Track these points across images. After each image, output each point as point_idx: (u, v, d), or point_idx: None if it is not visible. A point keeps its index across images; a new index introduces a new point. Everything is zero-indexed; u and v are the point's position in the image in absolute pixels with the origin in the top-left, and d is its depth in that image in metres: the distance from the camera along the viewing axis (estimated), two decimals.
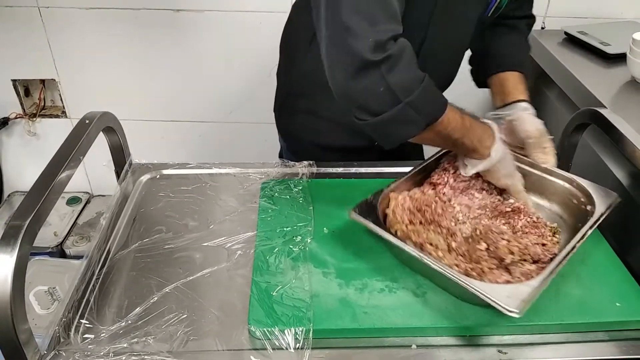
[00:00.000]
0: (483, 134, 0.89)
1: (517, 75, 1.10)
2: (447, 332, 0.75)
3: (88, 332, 0.77)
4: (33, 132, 1.97)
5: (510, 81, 1.08)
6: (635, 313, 0.76)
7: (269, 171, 1.10)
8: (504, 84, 1.08)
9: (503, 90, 1.08)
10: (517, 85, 1.08)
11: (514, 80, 1.09)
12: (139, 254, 0.91)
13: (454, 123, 0.84)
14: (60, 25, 1.74)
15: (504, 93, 1.07)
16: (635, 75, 1.25)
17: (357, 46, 0.73)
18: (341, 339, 0.75)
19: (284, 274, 0.83)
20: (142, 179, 1.09)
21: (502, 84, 1.09)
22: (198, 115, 1.96)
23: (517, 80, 1.09)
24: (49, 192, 0.76)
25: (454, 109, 0.84)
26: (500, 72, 1.10)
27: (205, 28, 1.76)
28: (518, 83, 1.08)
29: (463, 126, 0.85)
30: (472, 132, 0.87)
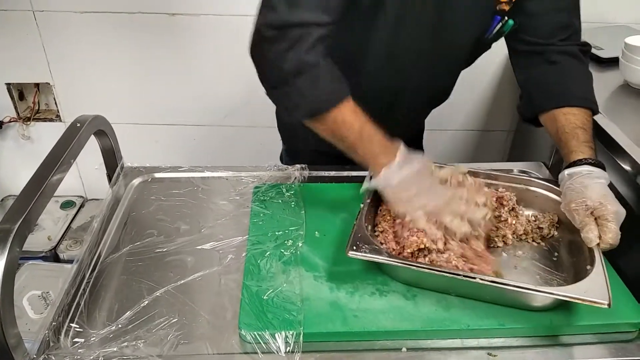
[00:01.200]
0: (381, 150, 0.84)
1: (574, 121, 0.90)
2: (437, 335, 0.75)
3: (78, 336, 0.76)
4: (27, 136, 1.97)
5: (564, 138, 0.89)
6: (624, 315, 0.77)
7: (261, 175, 1.10)
8: (560, 140, 0.90)
9: (561, 149, 0.90)
10: (569, 143, 0.88)
11: (569, 132, 0.89)
12: (130, 257, 0.91)
13: (349, 125, 0.83)
14: (55, 29, 1.74)
15: (563, 154, 0.90)
16: (628, 80, 1.26)
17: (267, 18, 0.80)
18: (332, 343, 0.75)
19: (275, 278, 0.83)
20: (133, 183, 1.09)
21: (559, 139, 0.90)
22: (193, 119, 1.96)
23: (572, 133, 0.88)
24: (39, 196, 0.76)
25: (358, 113, 0.83)
26: (554, 112, 0.93)
27: (200, 32, 1.76)
28: (572, 138, 0.88)
29: (359, 133, 0.83)
30: (366, 143, 0.84)
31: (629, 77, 1.25)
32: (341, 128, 0.83)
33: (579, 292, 0.71)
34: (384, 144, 0.85)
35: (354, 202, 0.98)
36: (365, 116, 0.84)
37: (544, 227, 0.91)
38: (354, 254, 0.77)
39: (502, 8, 0.94)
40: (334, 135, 0.85)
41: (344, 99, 0.83)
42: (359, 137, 0.84)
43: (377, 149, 0.84)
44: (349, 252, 0.77)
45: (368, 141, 0.84)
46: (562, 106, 0.92)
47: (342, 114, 0.83)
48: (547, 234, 0.91)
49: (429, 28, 0.94)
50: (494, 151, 2.04)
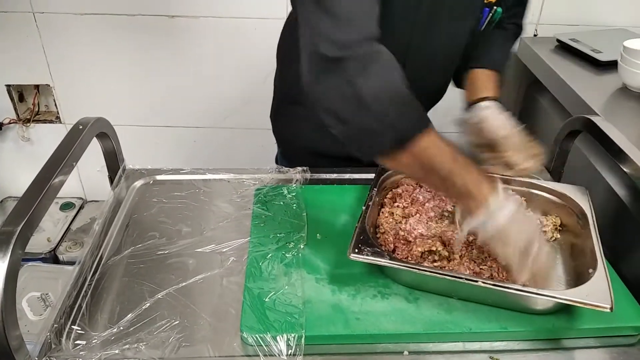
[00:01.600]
0: (481, 178, 0.73)
1: (490, 73, 1.04)
2: (439, 339, 0.75)
3: (80, 339, 0.76)
4: (27, 138, 1.97)
5: (480, 79, 1.04)
6: (626, 319, 0.77)
7: (262, 177, 1.10)
8: (474, 82, 1.04)
9: (471, 88, 1.04)
10: (485, 83, 1.02)
11: (484, 78, 1.04)
12: (132, 259, 0.91)
13: (438, 151, 0.71)
14: (55, 31, 1.74)
15: (471, 91, 1.04)
16: (627, 82, 1.26)
17: (321, 42, 0.68)
18: (333, 345, 0.75)
19: (277, 280, 0.83)
20: (135, 185, 1.09)
21: (473, 82, 1.05)
22: (193, 121, 1.96)
23: (488, 79, 1.03)
24: (41, 198, 0.76)
25: (442, 138, 0.72)
26: (475, 69, 1.06)
27: (200, 34, 1.76)
28: (487, 81, 1.03)
29: (452, 159, 0.72)
30: (465, 170, 0.72)
31: (628, 80, 1.26)
32: (428, 154, 0.71)
33: (580, 295, 0.71)
34: (480, 173, 0.74)
35: (355, 204, 0.99)
36: (452, 146, 0.73)
37: (547, 230, 0.91)
38: (356, 257, 0.77)
39: (490, 0, 0.98)
40: (419, 162, 0.72)
41: (429, 123, 0.72)
42: (454, 163, 0.72)
43: (475, 174, 0.73)
44: (350, 254, 0.77)
45: (465, 167, 0.72)
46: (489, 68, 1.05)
47: (428, 138, 0.70)
48: (550, 237, 0.91)
49: (422, 30, 0.95)
50: None
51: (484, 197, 0.71)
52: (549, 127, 1.47)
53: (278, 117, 1.25)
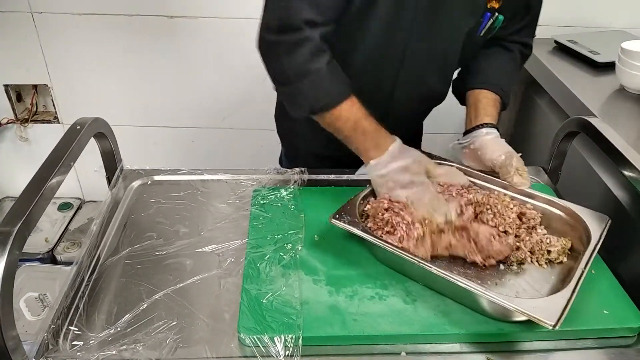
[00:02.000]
0: (372, 145, 0.91)
1: (493, 97, 1.05)
2: (436, 340, 0.75)
3: (77, 339, 0.76)
4: (25, 138, 1.96)
5: (482, 102, 1.04)
6: (622, 320, 0.77)
7: (260, 178, 1.10)
8: (476, 105, 1.04)
9: (472, 111, 1.05)
10: (486, 108, 1.03)
11: (487, 102, 1.04)
12: (129, 260, 0.91)
13: (344, 120, 0.90)
14: (54, 31, 1.74)
15: (472, 116, 1.04)
16: (624, 84, 1.27)
17: (265, 25, 0.89)
18: (331, 347, 0.75)
19: (275, 282, 0.83)
20: (133, 185, 1.09)
21: (475, 105, 1.05)
22: (191, 121, 1.96)
23: (490, 103, 1.04)
24: (38, 198, 0.76)
25: (355, 109, 0.90)
26: (477, 89, 1.06)
27: (199, 34, 1.76)
28: (489, 105, 1.03)
29: (353, 128, 0.91)
30: (360, 137, 0.91)
31: (625, 81, 1.26)
32: (337, 122, 0.91)
33: (528, 306, 0.69)
34: (377, 140, 0.91)
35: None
36: (363, 112, 0.91)
37: (552, 250, 0.86)
38: (336, 222, 0.84)
39: (493, 5, 0.97)
40: (330, 127, 0.93)
41: (344, 98, 0.90)
42: (353, 131, 0.91)
43: (369, 143, 0.91)
44: (331, 219, 0.84)
45: (361, 134, 0.91)
46: (490, 89, 1.06)
47: (340, 109, 0.90)
48: (555, 259, 0.86)
49: (420, 28, 0.95)
50: None
51: (369, 159, 0.92)
52: (546, 128, 1.47)
53: (281, 118, 1.25)
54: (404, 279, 0.84)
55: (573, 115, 1.18)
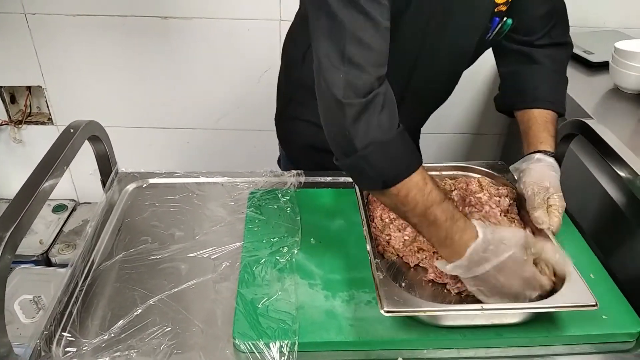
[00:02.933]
0: (460, 227, 0.75)
1: (545, 116, 0.98)
2: (433, 345, 0.75)
3: (70, 346, 0.75)
4: (19, 139, 1.95)
5: (533, 127, 0.97)
6: (621, 325, 0.76)
7: (256, 180, 1.09)
8: (529, 130, 0.98)
9: (526, 137, 0.98)
10: (539, 133, 0.96)
11: (539, 124, 0.97)
12: (124, 264, 0.89)
13: (415, 196, 0.74)
14: (47, 32, 1.72)
15: (527, 141, 0.98)
16: (618, 84, 1.27)
17: (335, 83, 0.73)
18: (327, 352, 0.74)
19: (270, 286, 0.82)
20: (128, 188, 1.08)
21: (528, 129, 0.98)
22: (186, 122, 1.95)
23: (542, 126, 0.97)
24: (31, 203, 0.75)
25: (427, 188, 0.75)
26: (528, 110, 0.99)
27: (193, 35, 1.75)
28: (541, 130, 0.96)
29: (423, 214, 0.74)
30: (444, 217, 0.74)
31: (619, 81, 1.26)
32: (406, 203, 0.75)
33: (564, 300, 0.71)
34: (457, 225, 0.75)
35: (349, 208, 0.98)
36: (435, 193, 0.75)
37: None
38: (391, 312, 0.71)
39: (500, 9, 0.95)
40: (397, 208, 0.78)
41: (408, 175, 0.75)
42: (425, 218, 0.75)
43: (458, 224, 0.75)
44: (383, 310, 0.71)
45: (446, 215, 0.75)
46: (535, 107, 0.99)
47: (406, 187, 0.74)
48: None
49: (432, 34, 0.94)
50: (486, 155, 2.05)
51: (459, 251, 0.74)
52: None
53: (282, 119, 1.23)
54: None
55: (568, 116, 1.18)
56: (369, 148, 0.73)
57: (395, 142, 0.75)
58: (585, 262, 0.88)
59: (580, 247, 0.91)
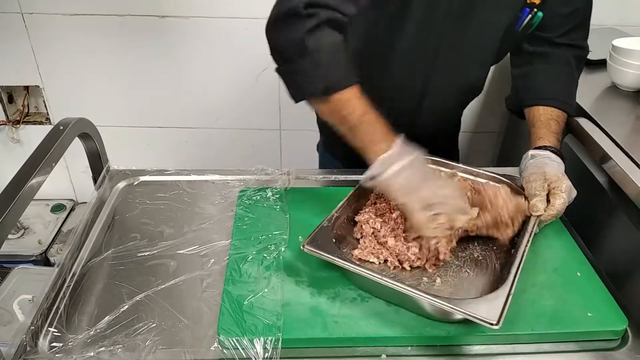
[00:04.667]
0: (381, 138, 0.81)
1: (550, 114, 1.00)
2: (418, 342, 0.74)
3: (56, 341, 0.75)
4: (17, 139, 1.96)
5: (536, 125, 0.99)
6: (606, 323, 0.76)
7: (247, 178, 1.10)
8: (532, 128, 1.00)
9: (530, 136, 1.00)
10: (539, 130, 0.98)
11: (541, 122, 0.99)
12: (112, 261, 0.90)
13: (354, 107, 0.81)
14: (44, 32, 1.73)
15: (532, 138, 0.99)
16: (615, 81, 1.26)
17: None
18: (311, 349, 0.74)
19: (257, 283, 0.82)
20: (119, 186, 1.08)
21: (530, 127, 1.00)
22: (184, 122, 1.96)
23: (544, 123, 0.99)
24: (17, 199, 0.75)
25: (363, 98, 0.82)
26: (534, 106, 1.01)
27: (190, 34, 1.76)
28: (542, 127, 0.98)
29: (362, 116, 0.81)
30: (367, 128, 0.81)
31: (617, 78, 1.25)
32: (346, 108, 0.82)
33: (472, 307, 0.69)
34: (385, 132, 0.82)
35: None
36: (370, 105, 0.82)
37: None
38: (309, 249, 0.78)
39: (532, 1, 0.95)
40: (335, 113, 0.83)
41: (349, 85, 0.81)
42: (360, 120, 0.81)
43: (377, 135, 0.82)
44: (305, 245, 0.79)
45: (368, 125, 0.82)
46: (541, 104, 1.01)
47: (350, 94, 0.81)
48: None
49: (457, 23, 0.94)
50: (483, 153, 2.04)
51: (377, 152, 0.80)
52: None
53: None
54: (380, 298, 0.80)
55: None
56: (320, 52, 0.79)
57: (342, 53, 0.82)
58: (572, 259, 0.87)
59: (568, 244, 0.90)
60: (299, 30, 0.79)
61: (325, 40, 0.80)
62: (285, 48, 0.82)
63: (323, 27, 0.80)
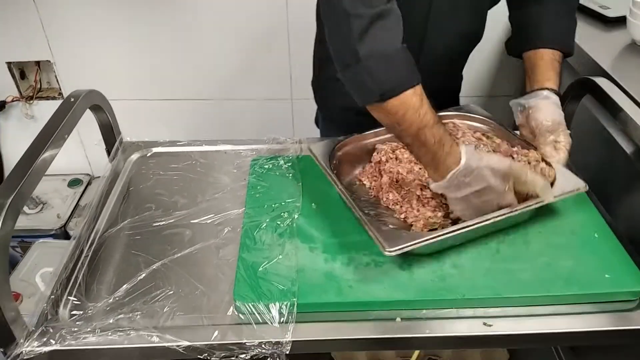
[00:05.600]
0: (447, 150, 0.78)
1: (552, 55, 0.98)
2: (432, 305, 0.75)
3: (76, 309, 0.77)
4: (31, 115, 1.97)
5: (541, 65, 0.98)
6: (624, 284, 0.75)
7: (259, 148, 1.09)
8: (535, 68, 0.98)
9: (532, 74, 0.98)
10: (546, 71, 0.97)
11: (546, 63, 0.98)
12: (128, 231, 0.91)
13: (411, 117, 0.77)
14: (53, 6, 1.72)
15: (532, 79, 0.98)
16: (636, 38, 1.22)
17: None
18: (326, 313, 0.75)
19: (271, 250, 0.83)
20: (132, 158, 1.09)
21: (534, 67, 0.99)
22: (195, 93, 1.95)
23: (549, 65, 0.98)
24: (31, 171, 0.76)
25: (421, 109, 0.77)
26: (535, 50, 1.00)
27: (201, 3, 1.73)
28: (548, 69, 0.97)
29: (416, 134, 0.77)
30: (423, 149, 0.78)
31: (637, 35, 1.21)
32: (402, 117, 0.78)
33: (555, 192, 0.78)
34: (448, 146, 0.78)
35: None
36: (429, 114, 0.78)
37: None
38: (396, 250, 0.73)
39: None
40: (390, 122, 0.81)
41: (404, 90, 0.77)
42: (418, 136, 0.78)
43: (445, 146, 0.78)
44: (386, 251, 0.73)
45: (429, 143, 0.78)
46: (542, 47, 0.99)
47: (404, 103, 0.77)
48: None
49: None
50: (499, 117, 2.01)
51: (442, 173, 0.78)
52: None
53: (320, 81, 1.23)
54: None
55: (584, 73, 1.14)
56: (372, 59, 0.76)
57: (398, 56, 0.78)
58: (589, 221, 0.86)
59: (585, 205, 0.89)
60: (349, 36, 0.76)
61: (376, 47, 0.77)
62: (341, 54, 0.81)
63: (374, 26, 0.76)
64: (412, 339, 0.73)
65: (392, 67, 0.77)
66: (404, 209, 0.86)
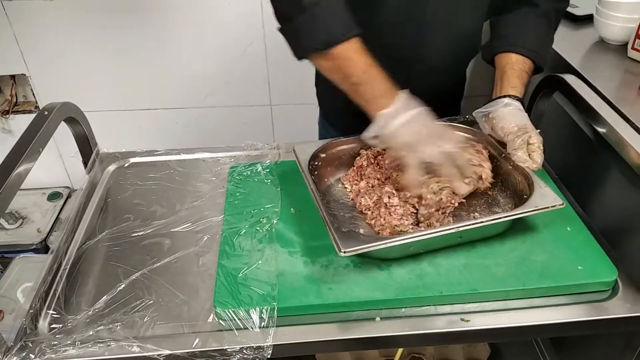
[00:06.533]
0: (383, 93, 0.82)
1: (523, 66, 0.98)
2: (410, 303, 0.76)
3: (55, 322, 0.77)
4: (8, 130, 1.95)
5: (509, 74, 0.98)
6: (597, 275, 0.77)
7: (238, 155, 1.10)
8: (503, 75, 0.98)
9: (499, 82, 0.99)
10: (512, 79, 0.97)
11: (515, 72, 0.98)
12: (107, 243, 0.91)
13: (356, 63, 0.82)
14: (26, 19, 1.70)
15: (498, 86, 0.98)
16: (603, 36, 1.25)
17: None
18: (306, 316, 0.75)
19: (250, 256, 0.83)
20: (110, 169, 1.08)
21: (502, 75, 0.99)
22: (174, 102, 1.94)
23: (517, 74, 0.98)
24: (5, 187, 0.75)
25: (365, 52, 0.83)
26: (506, 53, 1.00)
27: (173, 10, 1.73)
28: (515, 77, 0.97)
29: (364, 73, 0.82)
30: (370, 84, 0.83)
31: (604, 33, 1.24)
32: (348, 64, 0.83)
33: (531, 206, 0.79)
34: (388, 87, 0.83)
35: None
36: (371, 58, 0.83)
37: None
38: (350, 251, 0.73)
39: None
40: (338, 69, 0.85)
41: (350, 37, 0.83)
42: (362, 77, 0.83)
43: (380, 91, 0.83)
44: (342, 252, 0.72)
45: (371, 81, 0.83)
46: (516, 52, 1.00)
47: (351, 47, 0.83)
48: None
49: None
50: None
51: (380, 107, 0.82)
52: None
53: (318, 80, 1.25)
54: None
55: (554, 71, 1.16)
56: (317, 7, 0.81)
57: (341, 5, 0.83)
58: (561, 215, 0.88)
59: None
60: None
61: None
62: (283, 6, 0.84)
63: None
64: (392, 338, 0.74)
65: (338, 15, 0.82)
66: (374, 214, 0.87)
